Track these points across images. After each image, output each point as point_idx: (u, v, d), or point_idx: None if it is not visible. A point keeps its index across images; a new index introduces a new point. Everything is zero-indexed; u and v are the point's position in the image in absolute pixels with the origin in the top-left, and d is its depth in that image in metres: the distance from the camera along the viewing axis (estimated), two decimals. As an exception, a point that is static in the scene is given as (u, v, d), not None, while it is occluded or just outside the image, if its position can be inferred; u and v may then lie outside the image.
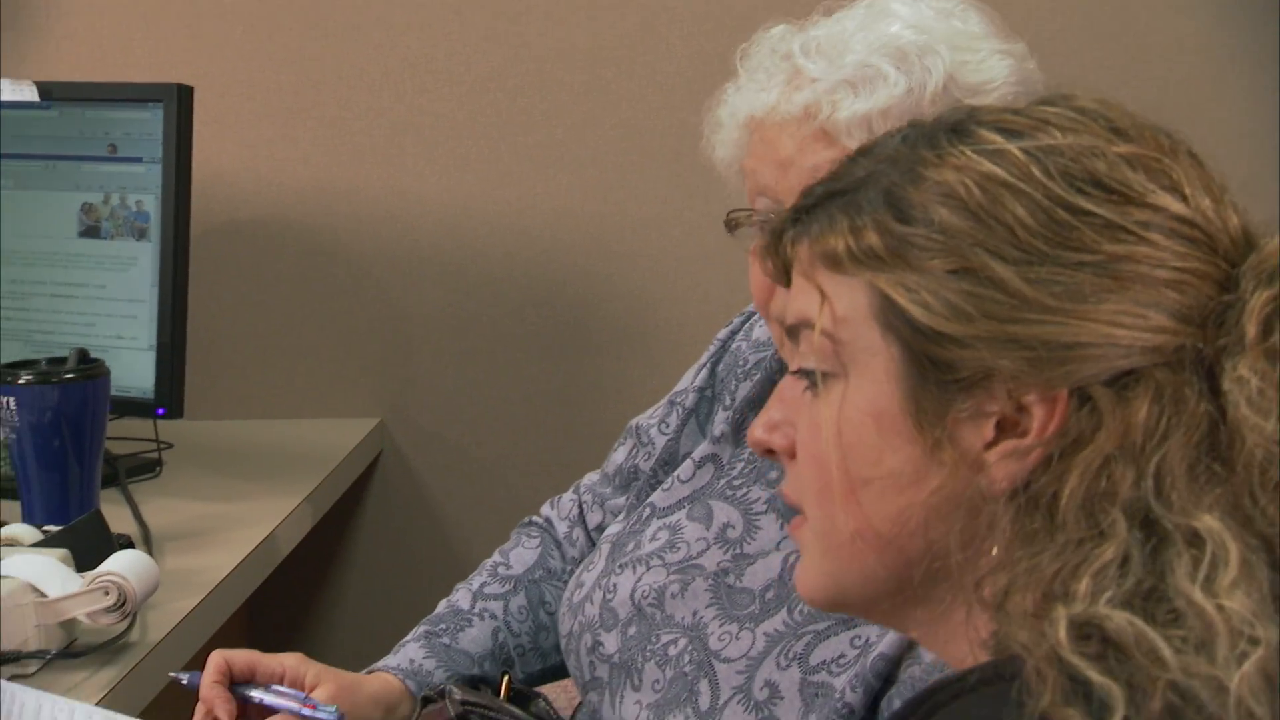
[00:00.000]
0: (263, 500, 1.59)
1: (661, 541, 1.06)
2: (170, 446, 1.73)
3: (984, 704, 0.60)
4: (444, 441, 1.96)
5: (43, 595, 1.10)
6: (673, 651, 0.99)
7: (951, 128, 0.69)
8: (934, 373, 0.66)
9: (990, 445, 0.65)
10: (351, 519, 1.98)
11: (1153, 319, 0.64)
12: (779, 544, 1.01)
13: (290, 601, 1.98)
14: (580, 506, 1.24)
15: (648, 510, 1.10)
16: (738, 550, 1.03)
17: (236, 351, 1.96)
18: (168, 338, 1.59)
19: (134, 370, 1.59)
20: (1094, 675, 0.58)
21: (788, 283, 0.72)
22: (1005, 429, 0.65)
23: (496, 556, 1.24)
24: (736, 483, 1.06)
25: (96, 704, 1.03)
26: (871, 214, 0.67)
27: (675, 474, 1.11)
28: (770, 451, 0.73)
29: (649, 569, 1.04)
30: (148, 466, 1.67)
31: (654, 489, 1.12)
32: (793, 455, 0.72)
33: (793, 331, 0.71)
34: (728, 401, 1.13)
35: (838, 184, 0.69)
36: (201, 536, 1.45)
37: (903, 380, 0.66)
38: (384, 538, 1.98)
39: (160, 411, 1.59)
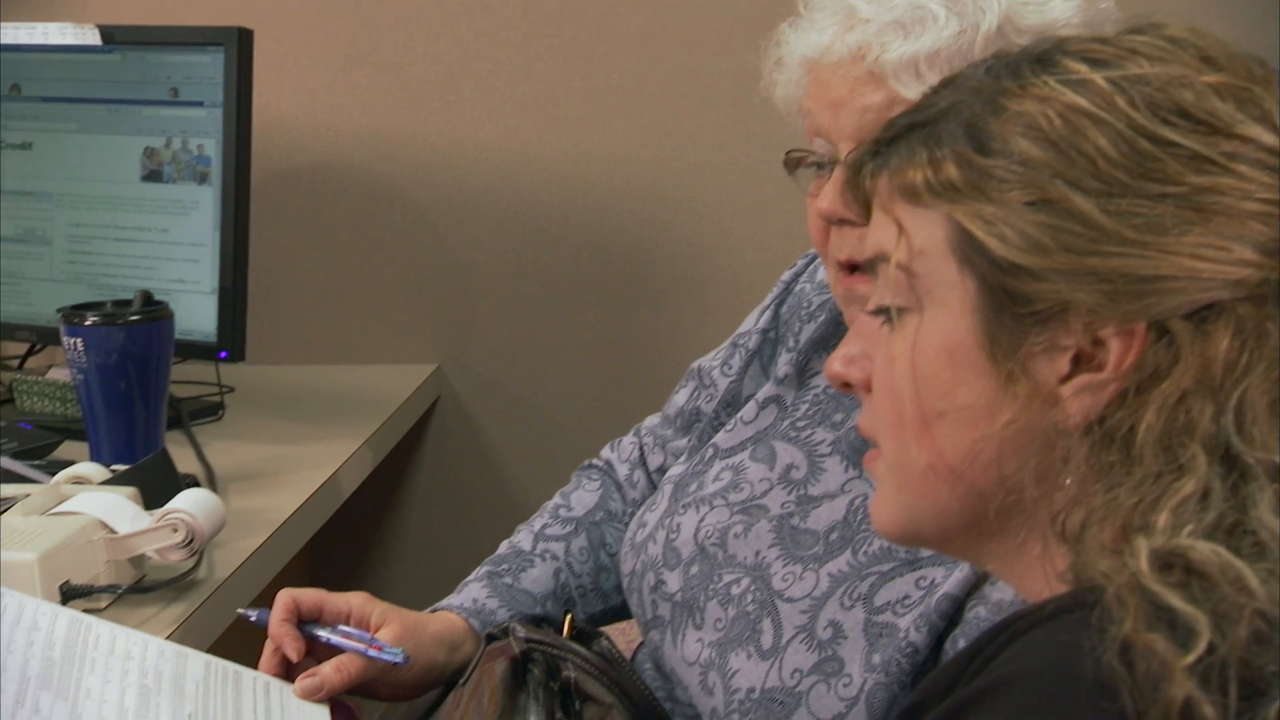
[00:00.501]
0: (323, 444, 1.60)
1: (725, 482, 1.06)
2: (231, 390, 1.75)
3: (1064, 630, 0.60)
4: (500, 387, 1.97)
5: (113, 532, 1.12)
6: (735, 591, 0.99)
7: (1036, 58, 0.68)
8: (1010, 306, 0.65)
9: (1065, 379, 0.65)
10: (409, 464, 2.00)
11: (1236, 252, 0.63)
12: (844, 485, 1.01)
13: (349, 544, 2.00)
14: (641, 449, 1.25)
15: (710, 451, 1.10)
16: (802, 492, 1.02)
17: (295, 297, 1.97)
18: (229, 281, 1.60)
19: (196, 314, 1.60)
20: (1178, 603, 0.57)
21: (868, 217, 0.72)
22: (1081, 363, 0.65)
23: (557, 499, 1.25)
24: (800, 424, 1.06)
25: (166, 638, 1.05)
26: (951, 146, 0.67)
27: (738, 415, 1.10)
28: (847, 385, 0.73)
29: (712, 509, 1.04)
30: (210, 410, 1.69)
31: (716, 430, 1.12)
32: (869, 389, 0.72)
33: (870, 265, 0.70)
34: (791, 343, 1.12)
35: (919, 115, 0.69)
36: (264, 478, 1.46)
37: (978, 313, 0.66)
38: (441, 482, 2.00)
39: (222, 355, 1.61)
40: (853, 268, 0.97)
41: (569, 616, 1.08)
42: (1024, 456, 0.66)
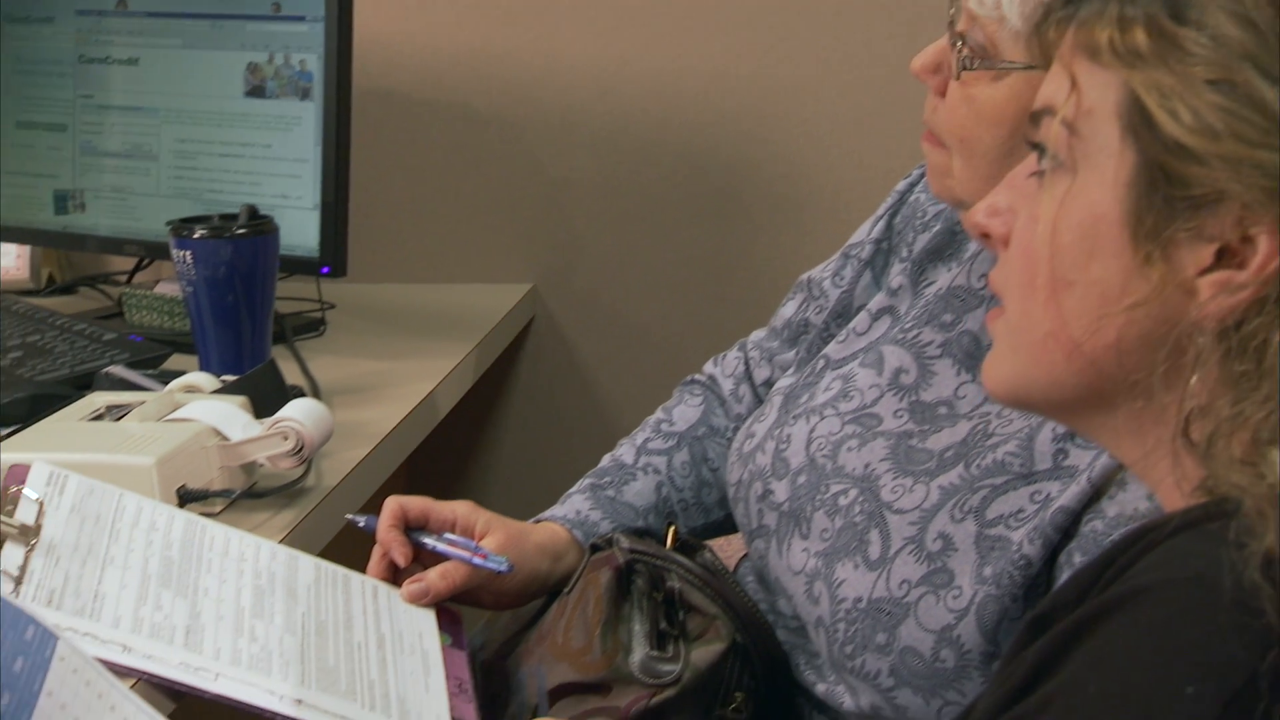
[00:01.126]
0: (422, 360, 1.62)
1: (835, 391, 1.05)
2: (332, 307, 1.77)
3: (1200, 541, 0.59)
4: (596, 307, 1.97)
5: (225, 439, 1.14)
6: (843, 502, 0.99)
7: None
8: (1164, 186, 0.63)
9: (1204, 272, 0.63)
10: (503, 384, 2.01)
11: None
12: (957, 390, 1.00)
13: (447, 461, 2.03)
14: (747, 363, 1.24)
15: (821, 362, 1.09)
16: (913, 398, 1.01)
17: (392, 216, 1.98)
18: (331, 197, 1.61)
19: (299, 229, 1.62)
20: None
21: (1046, 65, 0.70)
22: (1224, 258, 0.63)
23: (659, 414, 1.25)
24: (908, 325, 1.05)
25: (279, 543, 1.07)
26: (1145, 7, 0.64)
27: (851, 326, 1.09)
28: (986, 236, 0.72)
29: (822, 419, 1.03)
30: (311, 326, 1.71)
31: (826, 342, 1.11)
32: (1006, 244, 0.71)
33: (1035, 117, 0.69)
34: (905, 254, 1.11)
35: None
36: (365, 392, 1.48)
37: (1130, 188, 0.64)
38: (535, 402, 2.01)
39: (324, 270, 1.62)
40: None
41: (672, 528, 1.09)
42: (1150, 348, 0.64)
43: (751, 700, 1.01)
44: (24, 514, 0.92)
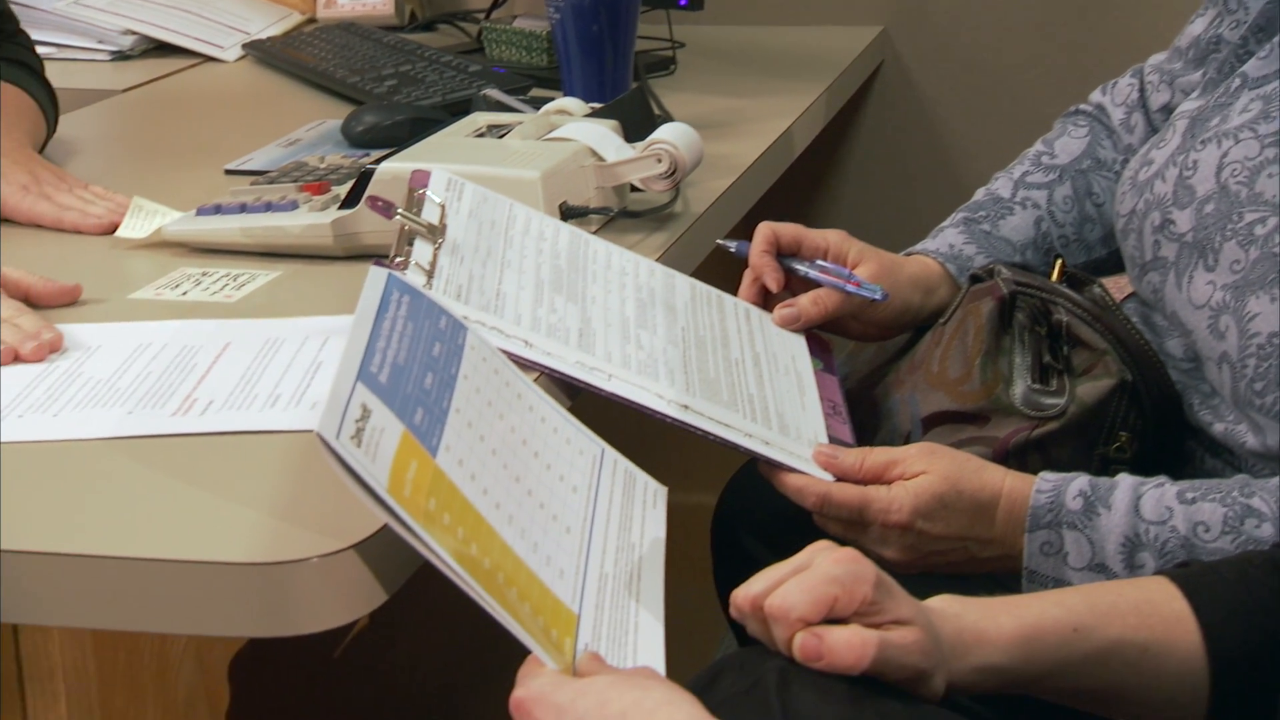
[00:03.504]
0: (774, 99, 1.60)
1: (1254, 113, 0.96)
2: (681, 46, 1.76)
3: None
4: (948, 50, 1.89)
5: (601, 159, 1.15)
6: (1259, 231, 0.91)
7: None
8: None
9: None
10: (848, 129, 1.97)
11: None
12: None
13: (796, 202, 2.01)
14: (1142, 89, 1.16)
15: (1237, 82, 1.00)
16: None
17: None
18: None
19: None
20: None
21: None
22: None
23: (1039, 146, 1.18)
24: None
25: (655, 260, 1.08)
26: None
27: (1276, 39, 0.99)
28: None
29: (1237, 142, 0.95)
30: (662, 64, 1.71)
31: (1244, 60, 1.02)
32: None
33: None
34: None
35: None
36: (722, 127, 1.47)
37: None
38: (880, 150, 1.96)
39: (682, 3, 1.60)
40: None
41: (1059, 261, 1.04)
42: None
43: (1137, 441, 0.97)
44: (429, 215, 0.96)
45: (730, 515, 1.18)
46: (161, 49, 1.83)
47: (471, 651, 1.16)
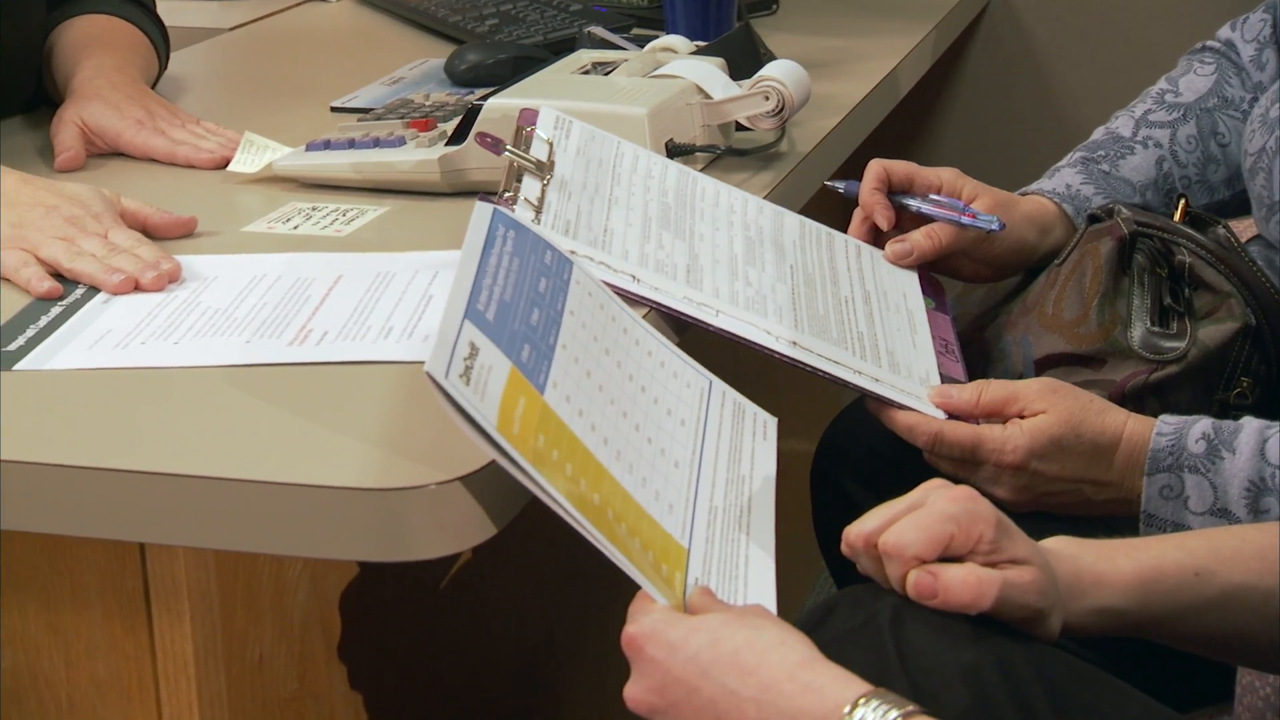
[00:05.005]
0: (879, 38, 1.58)
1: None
2: (785, -15, 1.73)
3: None
4: (1059, -9, 1.84)
5: (708, 97, 1.13)
6: None
7: None
8: None
9: None
10: (953, 72, 1.93)
11: None
12: None
13: (899, 141, 1.97)
14: (1275, 24, 1.12)
15: (1378, 16, 0.96)
16: None
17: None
18: None
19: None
20: None
21: None
22: None
23: (1163, 83, 1.15)
24: None
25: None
26: None
27: None
28: None
29: (1381, 77, 0.92)
30: (764, 4, 1.69)
31: (1384, -7, 0.98)
32: None
33: None
34: None
35: None
36: (827, 67, 1.45)
37: None
38: (985, 93, 1.92)
39: (787, -60, 1.57)
40: None
41: (1183, 200, 1.01)
42: None
43: (1259, 387, 0.95)
44: (537, 151, 0.95)
45: (831, 457, 1.17)
46: (265, -11, 1.84)
47: (572, 588, 1.17)
